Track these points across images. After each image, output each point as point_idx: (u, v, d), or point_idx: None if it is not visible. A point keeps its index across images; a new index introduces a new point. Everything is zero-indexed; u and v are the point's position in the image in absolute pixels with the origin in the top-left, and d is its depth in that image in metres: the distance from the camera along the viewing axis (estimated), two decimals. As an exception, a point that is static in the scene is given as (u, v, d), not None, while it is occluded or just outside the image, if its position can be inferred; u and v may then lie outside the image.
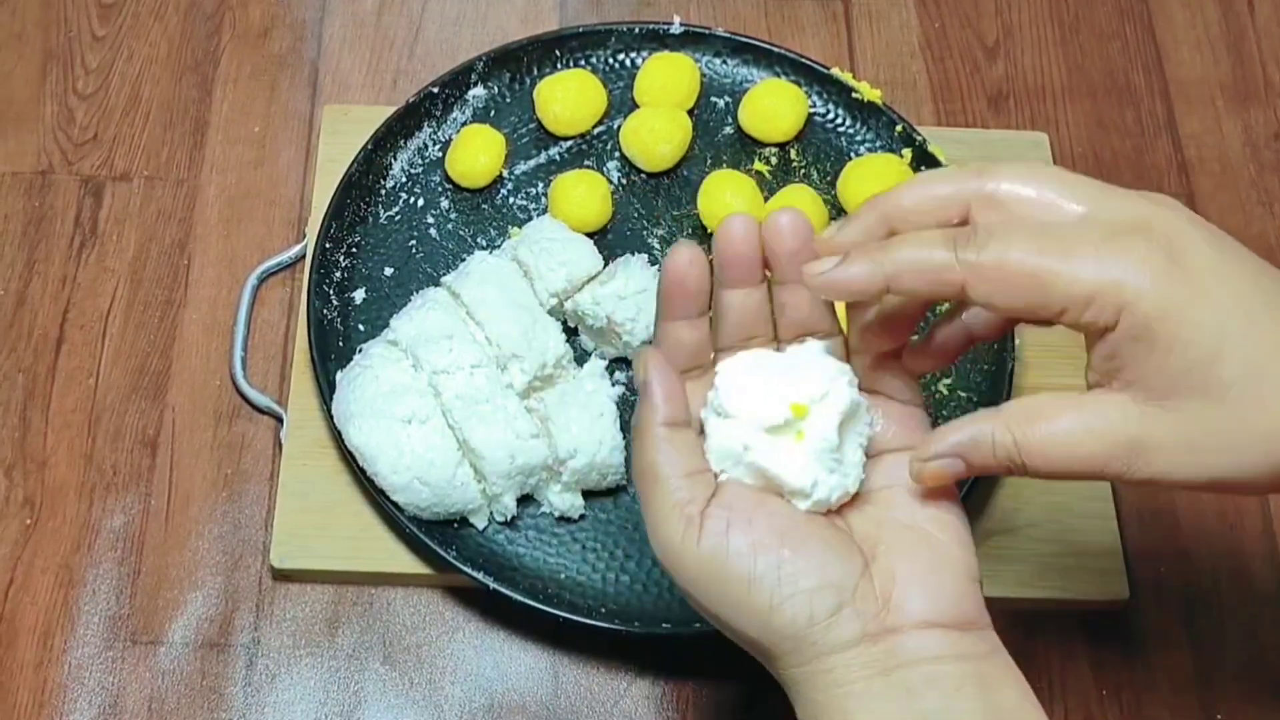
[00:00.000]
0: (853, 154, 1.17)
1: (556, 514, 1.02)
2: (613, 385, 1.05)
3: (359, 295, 1.10)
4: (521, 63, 1.18)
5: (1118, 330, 0.65)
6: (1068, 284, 0.65)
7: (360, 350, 1.05)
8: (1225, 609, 1.04)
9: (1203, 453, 0.66)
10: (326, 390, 1.03)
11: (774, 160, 1.17)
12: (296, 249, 1.13)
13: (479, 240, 1.12)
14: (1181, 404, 0.65)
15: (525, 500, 1.02)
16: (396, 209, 1.13)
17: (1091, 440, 0.67)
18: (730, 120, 1.18)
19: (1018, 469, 0.69)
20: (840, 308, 0.76)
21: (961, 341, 0.75)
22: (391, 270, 1.11)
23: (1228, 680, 1.02)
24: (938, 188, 0.70)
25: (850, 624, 0.68)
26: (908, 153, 1.15)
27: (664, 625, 0.98)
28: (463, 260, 1.08)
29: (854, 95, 1.17)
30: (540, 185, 1.15)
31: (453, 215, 1.13)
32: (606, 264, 1.07)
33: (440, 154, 1.15)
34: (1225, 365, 0.64)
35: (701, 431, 0.75)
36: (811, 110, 1.18)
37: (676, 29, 1.19)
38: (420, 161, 1.15)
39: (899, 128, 1.16)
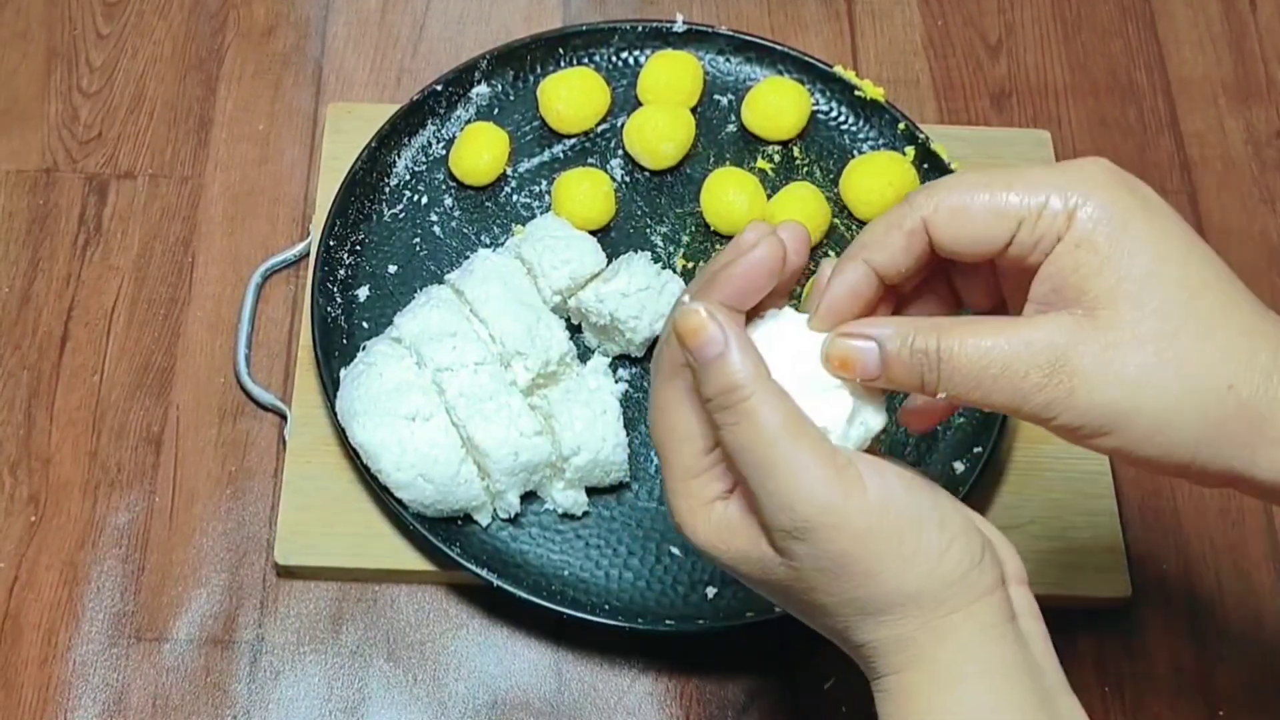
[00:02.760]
0: (856, 152, 1.17)
1: (560, 511, 1.02)
2: (616, 382, 1.05)
3: (363, 293, 1.10)
4: (525, 61, 1.19)
5: (1064, 240, 0.65)
6: (1021, 193, 0.66)
7: (364, 348, 1.05)
8: (1227, 607, 1.04)
9: (1125, 364, 0.64)
10: (330, 388, 1.04)
11: (777, 158, 1.17)
12: (300, 246, 1.13)
13: (482, 238, 1.13)
14: (1115, 315, 0.65)
15: (529, 497, 1.02)
16: (400, 207, 1.13)
17: (1016, 349, 0.65)
18: (733, 118, 1.18)
19: (930, 380, 0.67)
20: None
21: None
22: (395, 268, 1.11)
23: (1230, 677, 1.02)
24: (889, 215, 0.70)
25: (991, 568, 0.68)
26: (911, 151, 1.15)
27: (667, 622, 0.98)
28: (466, 258, 1.09)
29: (857, 93, 1.17)
30: (544, 183, 1.15)
31: (456, 213, 1.14)
32: (610, 262, 1.07)
33: (444, 152, 1.15)
34: (1165, 280, 0.65)
35: None
36: (814, 108, 1.18)
37: (680, 27, 1.19)
38: (424, 159, 1.15)
39: (902, 126, 1.16)
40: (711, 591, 1.00)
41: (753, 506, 0.68)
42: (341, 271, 1.10)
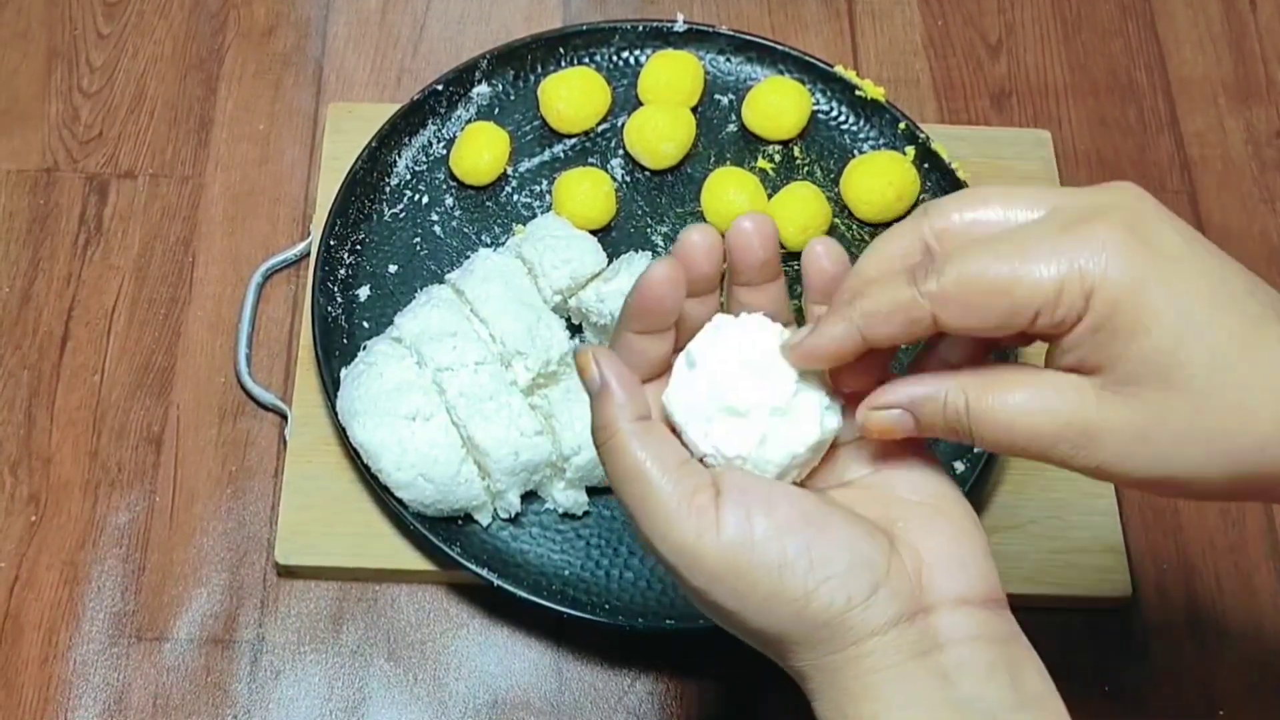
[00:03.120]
0: (856, 152, 1.17)
1: (560, 511, 1.02)
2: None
3: (363, 292, 1.10)
4: (525, 61, 1.19)
5: (1084, 320, 0.63)
6: (1033, 284, 0.62)
7: (364, 347, 1.05)
8: (1228, 606, 1.04)
9: (1155, 444, 0.63)
10: (331, 387, 1.04)
11: (777, 158, 1.17)
12: (301, 246, 1.13)
13: (483, 237, 1.13)
14: (1140, 391, 0.63)
15: (529, 497, 1.02)
16: (401, 206, 1.13)
17: (1043, 417, 0.64)
18: (734, 118, 1.18)
19: (964, 435, 0.66)
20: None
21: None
22: (396, 267, 1.11)
23: (1230, 677, 1.02)
24: (891, 246, 0.68)
25: (887, 605, 0.65)
26: (911, 150, 1.15)
27: (668, 622, 0.98)
28: (467, 258, 1.09)
29: (857, 93, 1.18)
30: (544, 183, 1.15)
31: (457, 213, 1.14)
32: (610, 261, 1.07)
33: (444, 151, 1.15)
34: (1187, 353, 0.62)
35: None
36: (815, 108, 1.18)
37: (680, 27, 1.19)
38: (424, 159, 1.15)
39: (902, 125, 1.16)
40: (712, 591, 1.00)
41: None
42: (342, 271, 1.10)
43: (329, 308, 1.08)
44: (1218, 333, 0.62)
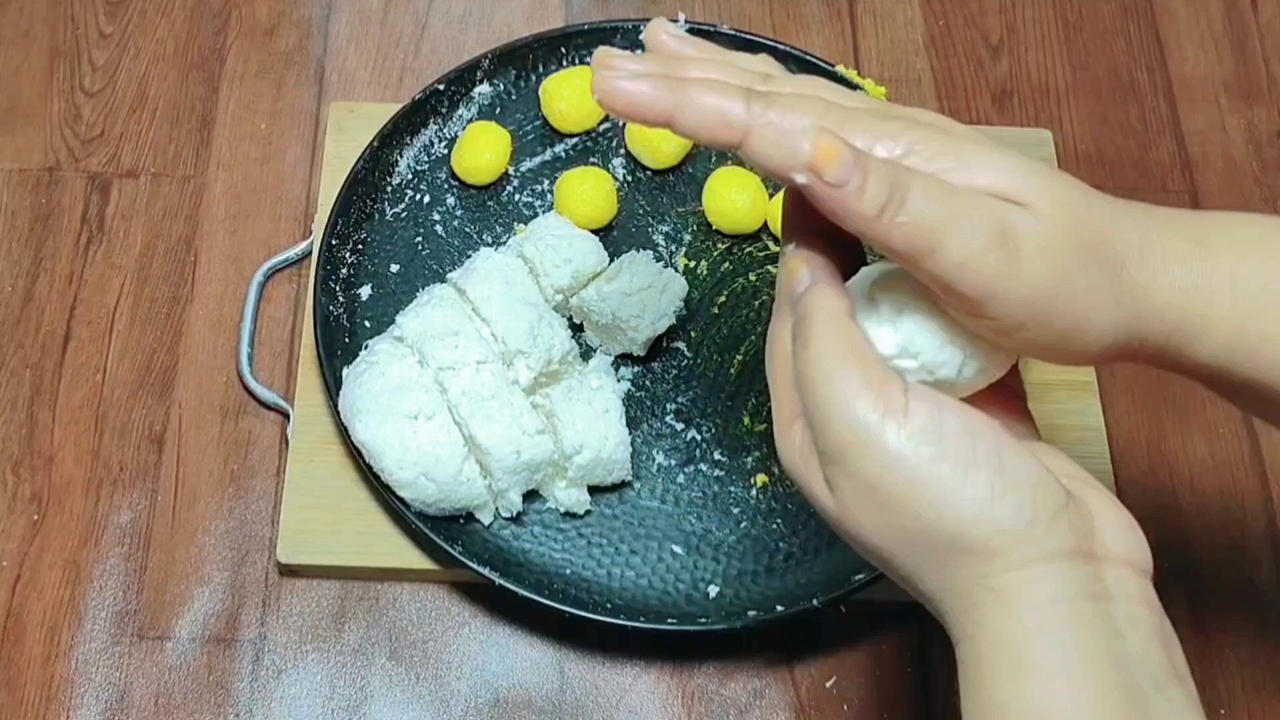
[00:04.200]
0: (857, 151, 1.17)
1: (562, 510, 1.02)
2: (618, 381, 1.05)
3: (365, 292, 1.10)
4: (527, 60, 1.19)
5: None
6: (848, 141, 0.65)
7: (366, 347, 1.05)
8: (1228, 605, 1.04)
9: (1053, 269, 0.65)
10: (333, 386, 1.04)
11: (779, 157, 1.17)
12: (303, 246, 1.13)
13: (485, 237, 1.13)
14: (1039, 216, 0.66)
15: (531, 496, 1.03)
16: (402, 206, 1.13)
17: (971, 203, 0.65)
18: (735, 117, 1.18)
19: (896, 201, 0.64)
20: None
21: None
22: (397, 267, 1.11)
23: (1231, 676, 1.02)
24: (727, 75, 0.69)
25: (1067, 534, 0.63)
26: (912, 150, 1.15)
27: (669, 621, 0.98)
28: (468, 257, 1.09)
29: (859, 93, 1.17)
30: (546, 182, 1.15)
31: (458, 212, 1.14)
32: (612, 261, 1.08)
33: (446, 151, 1.15)
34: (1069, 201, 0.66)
35: None
36: (816, 108, 1.18)
37: (681, 26, 1.19)
38: (426, 158, 1.15)
39: (903, 125, 1.16)
40: (714, 590, 1.00)
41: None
42: (344, 270, 1.10)
43: (331, 307, 1.08)
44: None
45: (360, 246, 1.11)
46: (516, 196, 1.15)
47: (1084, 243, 0.66)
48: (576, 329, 1.08)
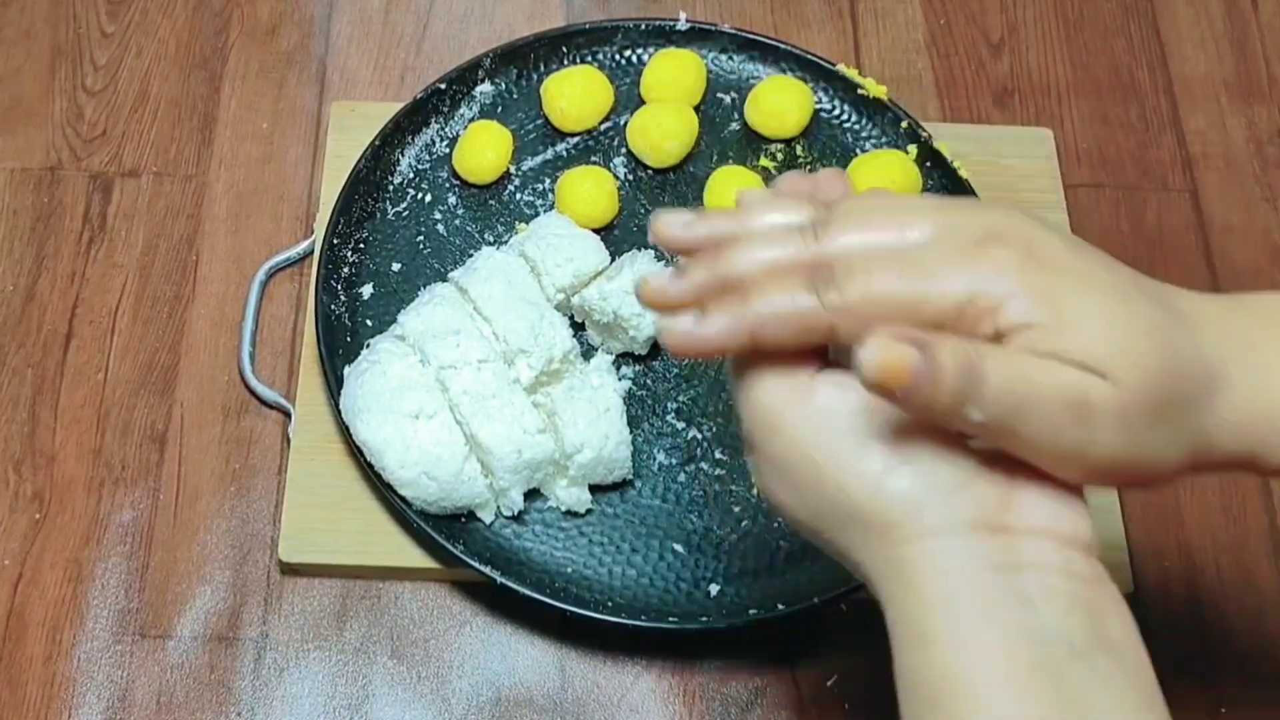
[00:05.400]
0: (858, 150, 1.17)
1: (563, 508, 1.02)
2: (619, 380, 1.05)
3: (367, 291, 1.10)
4: (528, 59, 1.19)
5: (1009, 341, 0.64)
6: (936, 301, 0.64)
7: (368, 346, 1.05)
8: (1229, 603, 1.04)
9: (1132, 427, 0.64)
10: (334, 385, 1.04)
11: (780, 156, 1.17)
12: (304, 245, 1.13)
13: (486, 236, 1.13)
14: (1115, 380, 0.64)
15: (532, 495, 1.03)
16: (404, 205, 1.14)
17: (1052, 382, 0.63)
18: (736, 116, 1.18)
19: (969, 392, 0.62)
20: None
21: None
22: (399, 266, 1.11)
23: (1232, 674, 1.02)
24: (774, 252, 0.68)
25: (968, 505, 0.64)
26: (913, 149, 1.15)
27: (670, 619, 0.98)
28: (470, 256, 1.09)
29: (860, 91, 1.18)
30: (547, 181, 1.15)
31: (460, 211, 1.14)
32: (613, 260, 1.08)
33: (447, 150, 1.16)
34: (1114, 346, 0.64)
35: None
36: (817, 106, 1.18)
37: (683, 25, 1.19)
38: (428, 158, 1.15)
39: (904, 124, 1.16)
40: (714, 589, 1.00)
41: None
42: (345, 269, 1.10)
43: (332, 306, 1.08)
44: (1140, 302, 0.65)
45: (362, 245, 1.12)
46: (518, 195, 1.15)
47: (1160, 405, 0.65)
48: (578, 328, 1.08)
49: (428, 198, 1.14)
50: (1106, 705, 0.62)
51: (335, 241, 1.10)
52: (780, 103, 1.17)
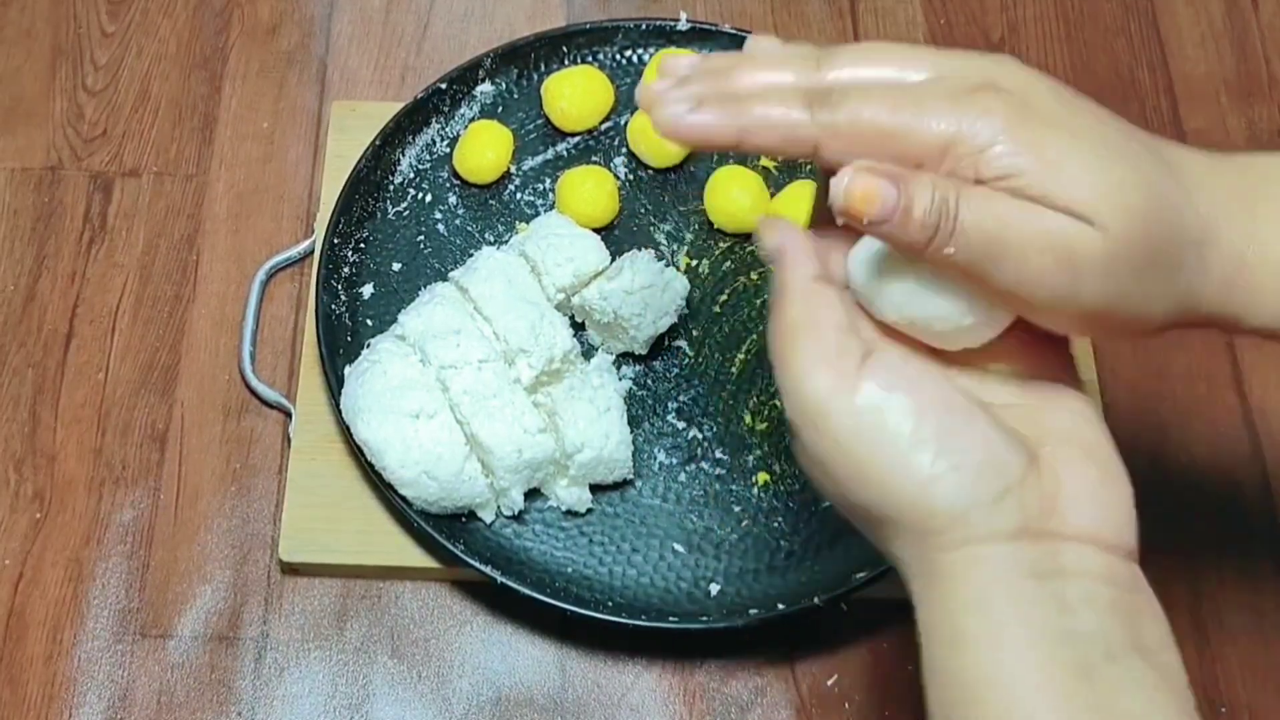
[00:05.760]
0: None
1: (564, 508, 1.02)
2: (619, 380, 1.05)
3: (367, 290, 1.10)
4: (529, 59, 1.19)
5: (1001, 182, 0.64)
6: (922, 136, 0.64)
7: (368, 345, 1.05)
8: (1230, 603, 1.04)
9: (1116, 276, 0.64)
10: (335, 385, 1.04)
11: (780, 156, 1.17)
12: (305, 244, 1.13)
13: (486, 236, 1.13)
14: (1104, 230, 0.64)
15: (533, 494, 1.03)
16: (404, 205, 1.14)
17: (1035, 227, 0.63)
18: (737, 116, 1.18)
19: (943, 235, 0.63)
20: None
21: None
22: (399, 265, 1.11)
23: (1232, 674, 1.02)
24: (780, 76, 0.68)
25: (1012, 513, 0.64)
26: (913, 149, 1.15)
27: (671, 619, 0.98)
28: (470, 256, 1.09)
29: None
30: (548, 181, 1.15)
31: (460, 211, 1.14)
32: (613, 259, 1.08)
33: (448, 150, 1.16)
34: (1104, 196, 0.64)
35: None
36: (818, 106, 1.18)
37: (683, 26, 1.19)
38: (428, 157, 1.15)
39: (905, 124, 1.16)
40: (715, 588, 1.00)
41: None
42: (346, 269, 1.10)
43: (333, 305, 1.08)
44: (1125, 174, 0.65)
45: (362, 245, 1.12)
46: (518, 195, 1.15)
47: (1148, 255, 0.65)
48: (578, 328, 1.08)
49: (428, 197, 1.14)
50: (1140, 708, 0.62)
51: (336, 241, 1.10)
52: (781, 102, 1.16)
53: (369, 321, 1.09)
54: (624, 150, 1.17)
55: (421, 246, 1.12)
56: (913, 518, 0.65)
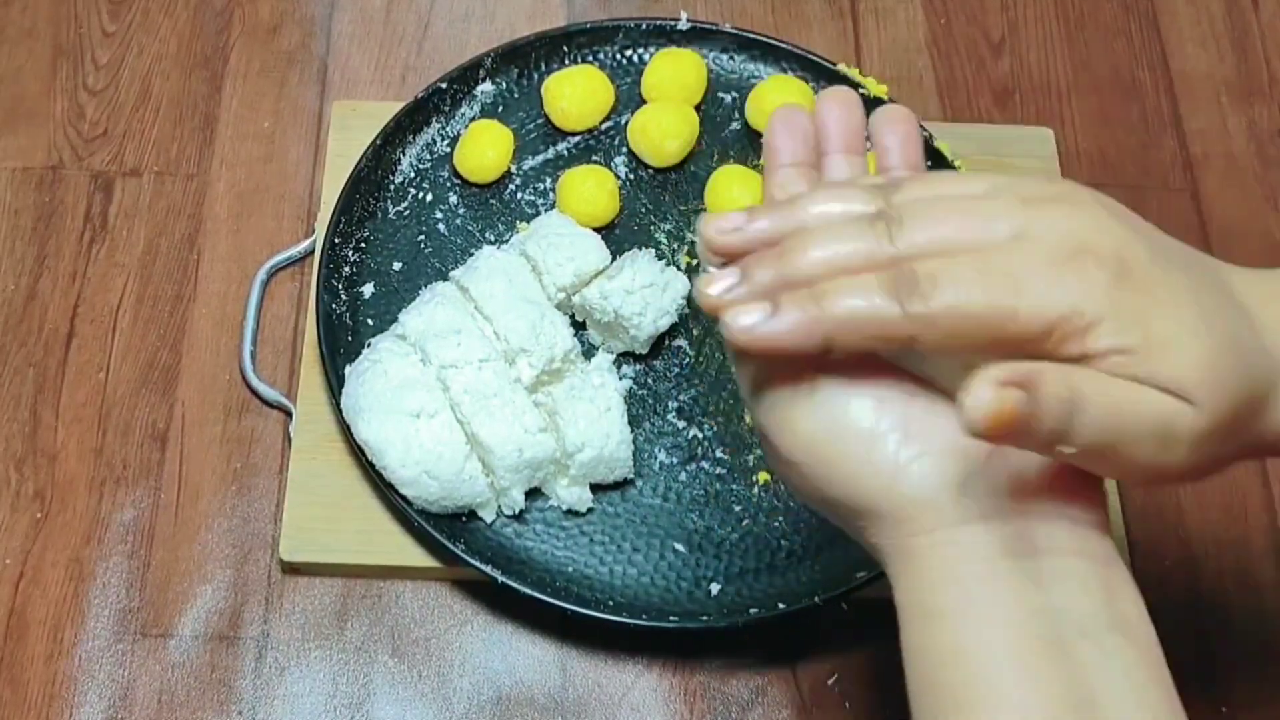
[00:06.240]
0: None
1: (564, 507, 1.03)
2: (620, 379, 1.05)
3: (368, 290, 1.10)
4: (529, 59, 1.19)
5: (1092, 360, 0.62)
6: (1025, 321, 0.61)
7: (369, 345, 1.05)
8: (1231, 604, 1.04)
9: (1207, 444, 0.63)
10: (335, 385, 1.04)
11: (781, 156, 1.17)
12: (305, 244, 1.13)
13: (487, 235, 1.13)
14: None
15: (533, 494, 1.03)
16: (405, 204, 1.14)
17: (1145, 408, 0.61)
18: (737, 116, 1.18)
19: (1068, 429, 0.60)
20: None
21: None
22: (400, 265, 1.11)
23: (1233, 675, 1.02)
24: (845, 247, 0.64)
25: (982, 496, 0.63)
26: (914, 148, 1.15)
27: (671, 618, 0.98)
28: (471, 255, 1.09)
29: (860, 91, 1.17)
30: (548, 180, 1.15)
31: (461, 210, 1.14)
32: (614, 259, 1.08)
33: (449, 149, 1.16)
34: (1197, 365, 0.62)
35: None
36: (818, 106, 1.18)
37: (684, 25, 1.20)
38: (429, 157, 1.15)
39: (905, 123, 1.16)
40: (715, 588, 1.00)
41: None
42: (346, 269, 1.10)
43: (333, 305, 1.08)
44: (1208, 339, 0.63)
45: (363, 245, 1.12)
46: (519, 195, 1.15)
47: (1235, 423, 0.64)
48: (579, 327, 1.08)
49: (429, 197, 1.14)
50: (1114, 681, 0.62)
51: (336, 241, 1.10)
52: (781, 102, 1.16)
53: (369, 321, 1.09)
54: (624, 149, 1.17)
55: (422, 246, 1.12)
56: (885, 508, 0.65)
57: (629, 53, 1.20)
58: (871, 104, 1.17)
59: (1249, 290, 0.67)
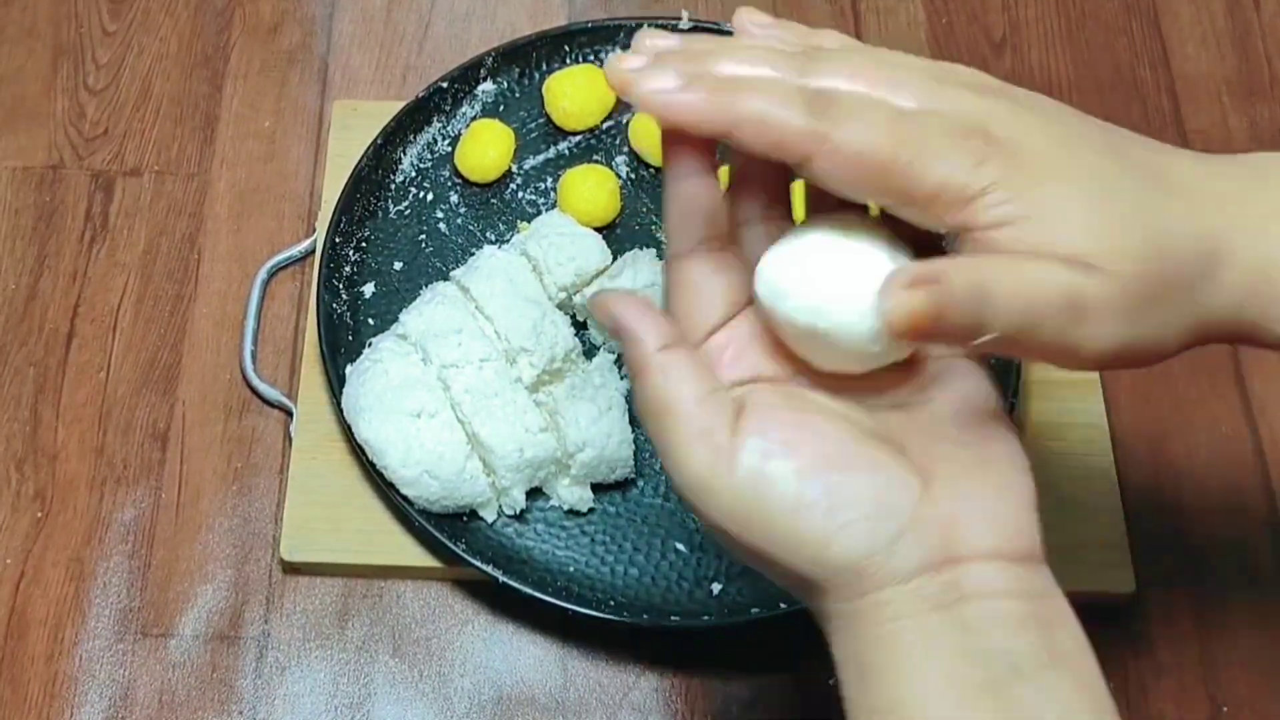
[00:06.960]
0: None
1: (565, 507, 1.02)
2: (621, 379, 1.05)
3: (368, 289, 1.10)
4: (530, 58, 1.19)
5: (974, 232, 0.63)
6: (919, 177, 0.62)
7: (370, 344, 1.05)
8: (1232, 601, 1.04)
9: (1127, 316, 0.64)
10: (336, 384, 1.04)
11: (782, 155, 1.17)
12: (306, 243, 1.13)
13: (488, 235, 1.13)
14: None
15: (534, 494, 1.03)
16: (406, 204, 1.14)
17: (1049, 284, 0.62)
18: (738, 115, 1.18)
19: (985, 322, 0.61)
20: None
21: None
22: (401, 265, 1.11)
23: (1234, 672, 1.02)
24: (767, 66, 0.65)
25: (911, 553, 0.63)
26: (915, 148, 1.15)
27: (673, 618, 0.98)
28: (472, 255, 1.09)
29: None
30: (549, 180, 1.15)
31: (462, 210, 1.14)
32: (615, 258, 1.08)
33: (449, 149, 1.16)
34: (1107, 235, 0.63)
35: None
36: (819, 105, 1.18)
37: (685, 24, 1.19)
38: (429, 156, 1.15)
39: (906, 123, 1.16)
40: (716, 588, 1.00)
41: None
42: (347, 268, 1.10)
43: (334, 305, 1.08)
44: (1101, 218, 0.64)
45: (364, 244, 1.12)
46: (520, 194, 1.15)
47: (1155, 291, 0.64)
48: (580, 327, 1.08)
49: (429, 196, 1.14)
50: (1054, 717, 0.62)
51: (337, 240, 1.10)
52: (782, 101, 1.16)
53: (370, 320, 1.09)
54: (625, 149, 1.17)
55: (423, 245, 1.12)
56: (815, 576, 0.65)
57: (630, 52, 1.20)
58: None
59: (1193, 169, 0.68)
